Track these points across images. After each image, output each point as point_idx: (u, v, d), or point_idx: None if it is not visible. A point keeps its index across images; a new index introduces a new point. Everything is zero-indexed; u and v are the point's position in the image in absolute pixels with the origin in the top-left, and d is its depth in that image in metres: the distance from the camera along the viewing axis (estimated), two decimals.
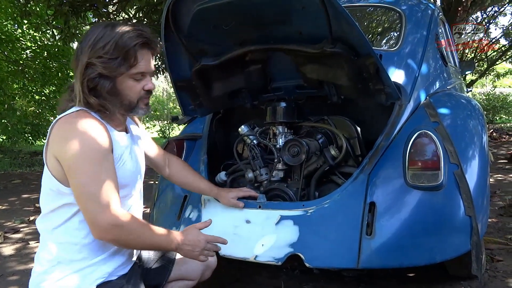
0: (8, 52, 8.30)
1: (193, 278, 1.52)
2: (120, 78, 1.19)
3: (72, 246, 1.19)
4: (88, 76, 1.15)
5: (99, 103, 1.17)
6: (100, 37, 1.16)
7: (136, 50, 1.18)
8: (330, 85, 1.85)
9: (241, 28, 1.69)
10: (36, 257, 1.26)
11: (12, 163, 7.67)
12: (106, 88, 1.17)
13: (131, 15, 6.63)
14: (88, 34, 1.20)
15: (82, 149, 1.10)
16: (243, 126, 2.09)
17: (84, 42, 1.18)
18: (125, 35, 1.16)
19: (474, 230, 1.53)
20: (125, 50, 1.16)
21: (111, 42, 1.15)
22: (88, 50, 1.15)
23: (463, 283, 1.92)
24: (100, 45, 1.15)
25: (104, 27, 1.18)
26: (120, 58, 1.16)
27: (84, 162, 1.10)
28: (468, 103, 2.08)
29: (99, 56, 1.14)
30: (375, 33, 2.59)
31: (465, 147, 1.72)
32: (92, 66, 1.15)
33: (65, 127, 1.14)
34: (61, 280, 1.17)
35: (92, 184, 1.10)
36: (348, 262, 1.48)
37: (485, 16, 10.73)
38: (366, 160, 1.67)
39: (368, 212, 1.53)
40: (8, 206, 4.19)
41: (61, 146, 1.12)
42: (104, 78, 1.16)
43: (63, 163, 1.12)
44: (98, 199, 1.10)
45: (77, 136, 1.11)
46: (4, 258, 2.64)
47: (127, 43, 1.16)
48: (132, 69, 1.19)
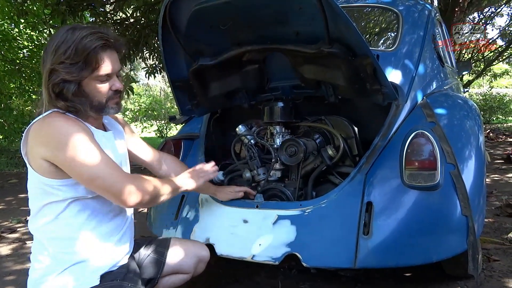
0: (5, 51, 8.24)
1: (187, 272, 1.53)
2: (85, 81, 1.19)
3: (67, 241, 1.19)
4: (53, 82, 1.16)
5: (67, 105, 1.18)
6: (61, 42, 1.16)
7: (97, 52, 1.17)
8: (327, 85, 1.86)
9: (239, 28, 1.69)
10: (32, 257, 1.26)
11: (9, 163, 7.64)
12: (71, 91, 1.17)
13: (128, 14, 6.60)
14: (52, 38, 1.21)
15: (70, 140, 1.11)
16: (241, 126, 2.09)
17: (48, 47, 1.19)
18: (84, 39, 1.15)
19: (470, 230, 1.53)
20: (85, 54, 1.15)
21: (71, 47, 1.14)
22: (51, 56, 1.16)
23: (459, 283, 1.93)
24: (61, 51, 1.15)
25: (65, 31, 1.18)
26: (81, 62, 1.16)
27: (77, 151, 1.12)
28: (465, 104, 2.09)
29: (61, 61, 1.15)
30: (372, 33, 2.60)
31: (461, 147, 1.72)
32: (55, 72, 1.15)
33: (43, 128, 1.15)
34: (62, 273, 1.18)
35: (96, 166, 1.14)
36: (345, 262, 1.49)
37: (482, 17, 10.77)
38: (363, 160, 1.67)
39: (365, 211, 1.54)
40: (5, 206, 4.17)
41: (47, 147, 1.13)
42: (68, 82, 1.16)
43: (56, 160, 1.13)
44: (110, 176, 1.15)
45: (60, 132, 1.13)
46: (1, 258, 2.63)
47: (86, 46, 1.15)
48: (95, 72, 1.19)
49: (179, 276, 1.53)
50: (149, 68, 7.35)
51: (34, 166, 1.17)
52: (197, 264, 1.54)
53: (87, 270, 1.20)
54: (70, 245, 1.20)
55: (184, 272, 1.53)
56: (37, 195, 1.21)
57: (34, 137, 1.16)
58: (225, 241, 1.66)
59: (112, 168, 1.17)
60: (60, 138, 1.12)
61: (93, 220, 1.23)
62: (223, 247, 1.64)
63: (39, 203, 1.21)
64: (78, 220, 1.21)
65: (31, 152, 1.17)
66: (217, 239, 1.67)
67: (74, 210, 1.20)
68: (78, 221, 1.21)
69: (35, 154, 1.15)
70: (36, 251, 1.25)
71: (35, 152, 1.15)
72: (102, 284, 1.20)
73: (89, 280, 1.19)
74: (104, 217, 1.27)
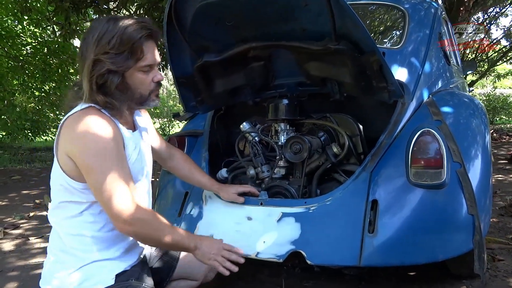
0: (8, 48, 8.27)
1: (196, 279, 1.51)
2: (129, 72, 1.18)
3: (86, 239, 1.19)
4: (97, 73, 1.13)
5: (106, 101, 1.16)
6: (104, 32, 1.14)
7: (142, 42, 1.16)
8: (333, 82, 1.85)
9: (244, 24, 1.68)
10: (49, 248, 1.26)
11: (12, 159, 7.67)
12: (116, 83, 1.16)
13: (132, 12, 6.61)
14: (91, 29, 1.18)
15: (97, 147, 1.10)
16: (245, 123, 2.09)
17: (88, 38, 1.16)
18: (129, 28, 1.14)
19: (476, 229, 1.52)
20: (131, 44, 1.14)
21: (116, 36, 1.13)
22: (94, 46, 1.14)
23: (464, 282, 1.92)
24: (105, 41, 1.13)
25: (106, 22, 1.17)
26: (127, 52, 1.14)
27: (101, 160, 1.10)
28: (471, 102, 2.07)
29: (106, 51, 1.13)
30: (377, 31, 2.58)
31: (468, 146, 1.71)
32: (99, 62, 1.13)
33: (76, 125, 1.12)
34: (77, 271, 1.17)
35: (112, 181, 1.11)
36: (350, 260, 1.48)
37: (486, 17, 10.73)
38: (368, 158, 1.66)
39: (370, 210, 1.53)
40: (8, 202, 4.18)
41: (74, 145, 1.12)
42: (113, 73, 1.15)
43: (78, 161, 1.12)
44: (120, 195, 1.12)
45: (90, 135, 1.10)
46: (4, 254, 2.64)
47: (132, 36, 1.14)
48: (140, 62, 1.18)
49: (188, 282, 1.51)
50: None
51: (61, 161, 1.16)
52: (207, 272, 1.53)
53: (103, 269, 1.19)
54: (88, 243, 1.19)
55: (193, 279, 1.51)
56: (60, 191, 1.20)
57: (66, 131, 1.14)
58: (229, 238, 1.64)
59: (124, 189, 1.13)
60: (89, 143, 1.10)
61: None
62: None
63: (61, 198, 1.20)
64: (99, 220, 1.20)
65: (60, 145, 1.15)
66: (221, 236, 1.65)
67: (96, 211, 1.19)
68: (99, 221, 1.20)
69: (62, 148, 1.14)
70: (53, 244, 1.24)
71: (63, 147, 1.14)
72: (117, 284, 1.19)
73: (104, 280, 1.18)
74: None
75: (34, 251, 2.69)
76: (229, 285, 1.99)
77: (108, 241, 1.21)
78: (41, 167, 6.94)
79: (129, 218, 1.12)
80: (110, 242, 1.22)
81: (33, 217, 3.57)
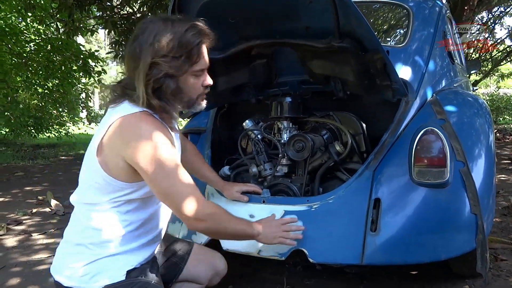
0: (12, 44, 8.27)
1: (201, 282, 1.51)
2: (183, 76, 1.16)
3: (106, 234, 1.18)
4: (155, 77, 1.11)
5: (160, 105, 1.15)
6: (161, 34, 1.11)
7: (199, 47, 1.15)
8: (336, 80, 1.84)
9: (248, 22, 1.68)
10: (65, 233, 1.25)
11: (15, 156, 7.69)
12: (172, 88, 1.14)
13: (135, 9, 6.60)
14: (145, 29, 1.13)
15: (160, 153, 1.10)
16: (248, 120, 2.08)
17: (142, 39, 1.12)
18: (188, 31, 1.12)
19: (479, 228, 1.52)
20: (190, 48, 1.13)
21: (174, 39, 1.11)
22: (150, 49, 1.10)
23: (467, 281, 1.91)
24: (163, 43, 1.10)
25: (162, 23, 1.13)
26: (184, 56, 1.13)
27: (164, 165, 1.11)
28: (475, 101, 2.07)
29: (164, 54, 1.10)
30: (382, 29, 2.57)
31: (471, 145, 1.70)
32: (156, 65, 1.10)
33: (135, 130, 1.11)
34: (90, 264, 1.17)
35: (177, 183, 1.13)
36: (352, 258, 1.48)
37: (490, 16, 10.68)
38: (371, 157, 1.66)
39: (373, 208, 1.53)
40: (11, 198, 4.20)
41: (134, 150, 1.10)
42: (169, 77, 1.13)
43: (139, 167, 1.11)
44: (188, 195, 1.14)
45: (152, 142, 1.10)
46: (7, 250, 2.65)
47: (191, 40, 1.12)
48: (194, 66, 1.16)
49: (192, 285, 1.51)
50: None
51: (106, 159, 1.14)
52: (212, 277, 1.52)
53: (116, 265, 1.19)
54: (107, 239, 1.18)
55: (198, 282, 1.51)
56: (92, 187, 1.18)
57: (121, 133, 1.12)
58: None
59: (190, 188, 1.16)
60: (152, 150, 1.10)
61: (137, 222, 1.23)
62: (229, 242, 1.63)
63: (93, 194, 1.19)
64: (124, 219, 1.20)
65: (109, 144, 1.13)
66: None
67: (124, 210, 1.19)
68: (124, 220, 1.20)
69: (116, 151, 1.12)
70: (71, 236, 1.23)
71: (117, 149, 1.12)
72: (128, 280, 1.18)
73: (115, 275, 1.18)
74: (148, 220, 1.27)
75: (37, 247, 2.70)
76: (231, 283, 1.99)
77: (126, 239, 1.21)
78: (44, 163, 6.96)
79: (200, 215, 1.15)
80: (127, 240, 1.21)
81: (35, 213, 3.58)
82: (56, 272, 1.21)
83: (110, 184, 1.15)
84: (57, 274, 1.21)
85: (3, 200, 4.12)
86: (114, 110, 1.16)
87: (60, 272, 1.20)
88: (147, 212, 1.26)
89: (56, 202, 3.80)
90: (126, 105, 1.15)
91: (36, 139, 10.36)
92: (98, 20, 6.83)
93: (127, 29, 6.38)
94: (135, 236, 1.23)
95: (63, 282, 1.18)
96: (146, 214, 1.26)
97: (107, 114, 1.18)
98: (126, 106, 1.15)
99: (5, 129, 9.80)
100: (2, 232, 2.98)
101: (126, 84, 1.19)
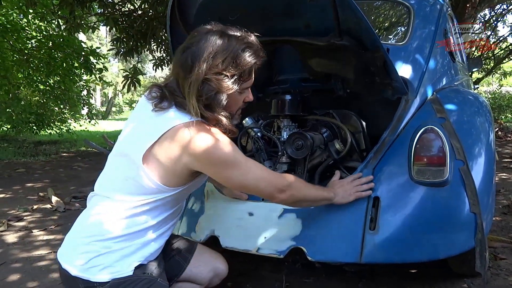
0: (13, 41, 8.28)
1: (201, 283, 1.52)
2: (231, 93, 1.16)
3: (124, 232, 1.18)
4: (206, 94, 1.12)
5: (214, 117, 1.16)
6: (217, 50, 1.10)
7: (253, 68, 1.16)
8: (336, 78, 1.84)
9: (247, 19, 1.67)
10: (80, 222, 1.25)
11: (17, 152, 7.71)
12: (221, 104, 1.15)
13: (136, 6, 6.59)
14: (199, 41, 1.13)
15: (229, 154, 1.16)
16: (248, 118, 2.08)
17: (197, 50, 1.11)
18: (245, 52, 1.13)
19: (478, 227, 1.51)
20: (244, 69, 1.13)
21: (229, 58, 1.11)
22: (204, 64, 1.10)
23: (465, 281, 1.91)
24: (218, 61, 1.10)
25: (219, 37, 1.12)
26: (237, 76, 1.13)
27: (236, 164, 1.18)
28: (476, 100, 2.06)
29: (217, 72, 1.10)
30: (382, 27, 2.56)
31: (471, 144, 1.70)
32: (209, 82, 1.11)
33: (198, 138, 1.12)
34: (101, 256, 1.16)
35: (251, 173, 1.21)
36: (351, 257, 1.47)
37: (493, 14, 10.63)
38: (371, 155, 1.66)
39: (372, 207, 1.52)
40: (12, 195, 4.21)
41: (204, 157, 1.13)
42: (219, 94, 1.14)
43: (211, 171, 1.19)
44: (265, 177, 1.24)
45: (218, 146, 1.14)
46: (8, 246, 2.66)
47: (246, 62, 1.13)
48: (243, 84, 1.18)
49: (192, 285, 1.52)
50: (156, 60, 7.35)
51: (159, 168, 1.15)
52: (212, 278, 1.53)
53: (125, 260, 1.19)
54: (120, 234, 1.18)
55: (198, 283, 1.52)
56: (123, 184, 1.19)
57: (184, 144, 1.12)
58: (230, 234, 1.66)
59: (261, 170, 1.25)
60: (220, 156, 1.15)
61: (154, 220, 1.23)
62: (228, 239, 1.64)
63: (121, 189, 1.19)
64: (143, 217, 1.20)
65: (169, 155, 1.13)
66: (222, 231, 1.67)
67: (147, 209, 1.20)
68: (143, 218, 1.20)
69: (177, 160, 1.13)
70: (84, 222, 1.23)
71: (179, 159, 1.13)
72: (135, 275, 1.19)
73: (124, 270, 1.18)
74: (166, 221, 1.29)
75: (37, 243, 2.71)
76: (230, 280, 1.99)
77: (138, 235, 1.21)
78: (45, 160, 6.97)
79: (281, 186, 1.26)
80: (139, 236, 1.21)
81: (36, 210, 3.59)
82: (64, 261, 1.21)
83: (151, 186, 1.16)
84: (65, 262, 1.21)
85: (4, 196, 4.13)
86: (162, 116, 1.16)
87: (67, 261, 1.20)
88: (167, 212, 1.27)
89: (57, 198, 3.82)
90: (177, 113, 1.15)
91: (38, 136, 10.38)
92: (99, 17, 6.82)
93: (128, 26, 6.37)
94: (148, 232, 1.24)
95: (70, 271, 1.18)
96: (166, 214, 1.27)
97: (151, 117, 1.18)
98: (178, 114, 1.15)
99: (7, 126, 9.81)
100: (3, 228, 2.99)
101: (174, 90, 1.19)
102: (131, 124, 1.27)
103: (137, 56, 6.99)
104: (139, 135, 1.19)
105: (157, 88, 1.21)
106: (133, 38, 6.40)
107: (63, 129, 10.33)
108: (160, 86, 1.22)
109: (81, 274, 1.16)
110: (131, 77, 6.34)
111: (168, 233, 1.36)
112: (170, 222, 1.33)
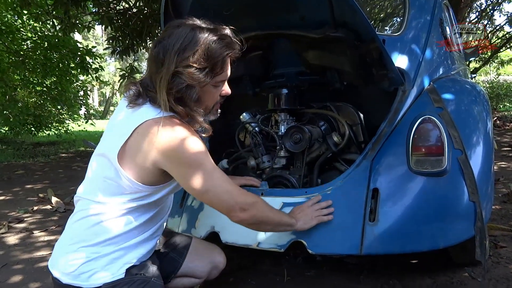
0: (9, 43, 8.23)
1: (200, 277, 1.52)
2: (204, 87, 1.15)
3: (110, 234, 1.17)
4: (177, 87, 1.10)
5: (186, 112, 1.15)
6: (187, 43, 1.09)
7: (225, 60, 1.14)
8: (332, 71, 1.84)
9: (242, 13, 1.66)
10: (67, 229, 1.24)
11: (15, 154, 7.70)
12: (193, 98, 1.13)
13: (131, 4, 6.56)
14: (172, 34, 1.11)
15: (195, 155, 1.12)
16: (245, 113, 2.08)
17: (167, 44, 1.10)
18: (215, 44, 1.11)
19: (478, 216, 1.51)
20: (215, 61, 1.11)
21: (199, 50, 1.09)
22: (175, 56, 1.08)
23: (466, 269, 1.92)
24: (188, 53, 1.08)
25: (190, 31, 1.11)
26: (208, 68, 1.12)
27: (202, 166, 1.14)
28: (473, 89, 2.05)
29: (188, 65, 1.09)
30: (377, 18, 2.55)
31: (469, 133, 1.69)
32: (179, 75, 1.09)
33: (165, 134, 1.10)
34: (91, 261, 1.16)
35: (216, 180, 1.17)
36: (351, 249, 1.47)
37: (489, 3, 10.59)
38: (369, 147, 1.65)
39: (371, 198, 1.52)
40: (12, 197, 4.21)
41: (168, 153, 1.11)
42: (190, 88, 1.12)
43: (172, 169, 1.14)
44: (228, 189, 1.20)
45: (184, 144, 1.11)
46: (8, 248, 2.66)
47: (217, 53, 1.11)
48: (216, 77, 1.16)
49: (191, 279, 1.52)
50: None
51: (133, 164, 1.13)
52: (211, 271, 1.53)
53: (115, 262, 1.18)
54: (108, 237, 1.17)
55: (197, 277, 1.52)
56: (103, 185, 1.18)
57: (152, 139, 1.10)
58: (230, 229, 1.65)
59: (227, 183, 1.20)
60: (185, 154, 1.11)
61: (140, 220, 1.22)
62: (228, 234, 1.64)
63: (102, 189, 1.18)
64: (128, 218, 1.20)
65: (139, 150, 1.12)
66: (222, 226, 1.67)
67: (130, 209, 1.19)
68: (127, 218, 1.19)
69: (146, 155, 1.11)
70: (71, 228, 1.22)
71: (148, 154, 1.11)
72: (128, 277, 1.19)
73: (115, 273, 1.18)
74: (153, 220, 1.28)
75: (38, 244, 2.71)
76: (231, 275, 2.00)
77: (126, 237, 1.21)
78: (44, 161, 6.97)
79: (244, 205, 1.21)
80: (127, 238, 1.21)
81: (36, 211, 3.59)
82: (55, 268, 1.21)
83: (128, 185, 1.15)
84: (55, 270, 1.21)
85: (4, 198, 4.13)
86: (136, 112, 1.15)
87: (58, 269, 1.20)
88: (152, 212, 1.26)
89: (57, 199, 3.81)
90: (150, 108, 1.14)
91: (36, 137, 10.37)
92: (94, 16, 6.79)
93: (124, 25, 6.34)
94: (135, 233, 1.23)
95: (62, 279, 1.18)
96: (150, 214, 1.25)
97: (126, 115, 1.17)
98: (150, 109, 1.14)
99: (5, 128, 9.79)
100: (3, 230, 2.99)
101: (147, 85, 1.18)
102: (110, 123, 1.27)
103: (133, 54, 6.95)
104: (115, 133, 1.18)
105: (133, 85, 1.21)
106: (129, 37, 6.37)
107: (61, 130, 10.31)
108: (135, 83, 1.21)
109: (72, 282, 1.16)
110: (128, 76, 6.31)
111: (159, 233, 1.35)
112: (158, 222, 1.32)
